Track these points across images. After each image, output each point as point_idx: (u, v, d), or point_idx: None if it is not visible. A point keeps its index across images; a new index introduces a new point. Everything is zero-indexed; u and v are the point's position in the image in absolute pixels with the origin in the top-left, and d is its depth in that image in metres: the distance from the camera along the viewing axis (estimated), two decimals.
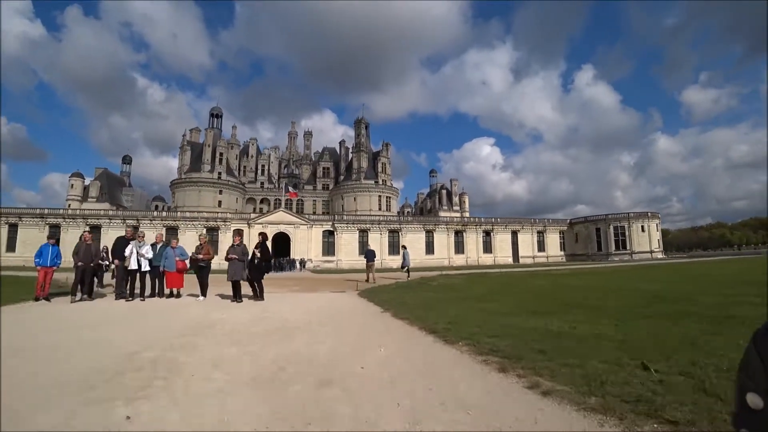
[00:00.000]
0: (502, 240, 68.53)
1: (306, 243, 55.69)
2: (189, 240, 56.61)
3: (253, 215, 57.10)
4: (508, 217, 72.24)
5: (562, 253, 73.01)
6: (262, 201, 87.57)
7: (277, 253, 56.30)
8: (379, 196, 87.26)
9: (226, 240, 53.66)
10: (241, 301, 11.41)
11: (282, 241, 57.40)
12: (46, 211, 52.87)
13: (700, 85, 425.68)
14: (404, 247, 24.54)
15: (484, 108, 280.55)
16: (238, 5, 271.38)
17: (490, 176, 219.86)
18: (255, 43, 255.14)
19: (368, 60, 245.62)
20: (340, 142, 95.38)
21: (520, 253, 69.06)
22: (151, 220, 52.43)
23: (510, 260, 67.50)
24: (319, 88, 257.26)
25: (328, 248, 57.24)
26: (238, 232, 16.80)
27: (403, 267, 23.65)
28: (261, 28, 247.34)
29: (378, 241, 58.91)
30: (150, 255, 12.41)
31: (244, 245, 12.24)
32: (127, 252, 12.15)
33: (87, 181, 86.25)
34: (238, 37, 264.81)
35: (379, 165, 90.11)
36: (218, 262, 49.60)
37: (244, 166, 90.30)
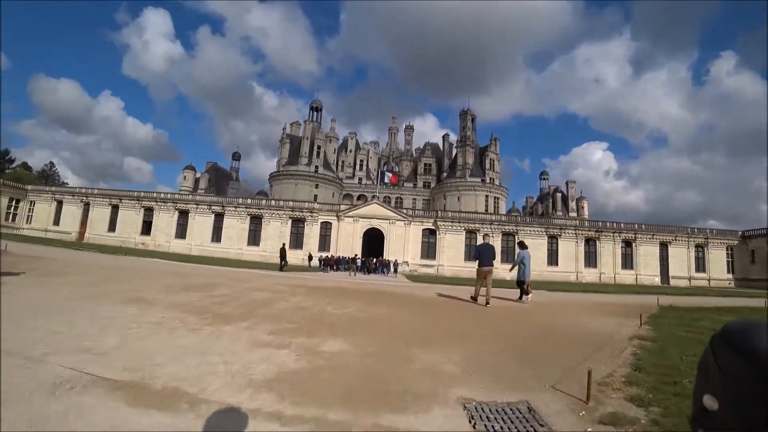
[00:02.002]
0: (646, 253, 52.18)
1: (402, 242, 46.26)
2: (272, 231, 51.12)
3: (343, 207, 49.16)
4: (655, 225, 55.28)
5: (730, 276, 53.94)
6: (359, 197, 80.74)
7: (368, 252, 47.79)
8: (486, 196, 75.14)
9: (312, 234, 46.44)
10: None
11: (375, 239, 48.68)
12: (141, 194, 50.81)
13: None
14: (522, 245, 13.17)
15: (597, 107, 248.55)
16: (343, 13, 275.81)
17: (602, 184, 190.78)
18: (359, 48, 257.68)
19: (470, 60, 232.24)
20: (443, 136, 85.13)
21: (671, 273, 51.96)
22: (235, 207, 47.42)
23: (656, 280, 51.00)
24: (420, 91, 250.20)
25: (428, 250, 47.13)
26: None
27: (522, 282, 12.40)
28: (364, 33, 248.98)
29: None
30: None
31: None
32: None
33: (198, 174, 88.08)
34: (343, 44, 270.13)
35: (487, 161, 78.01)
36: (301, 257, 42.25)
37: (342, 161, 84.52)
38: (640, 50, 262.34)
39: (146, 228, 50.83)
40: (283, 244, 31.91)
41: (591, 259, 50.65)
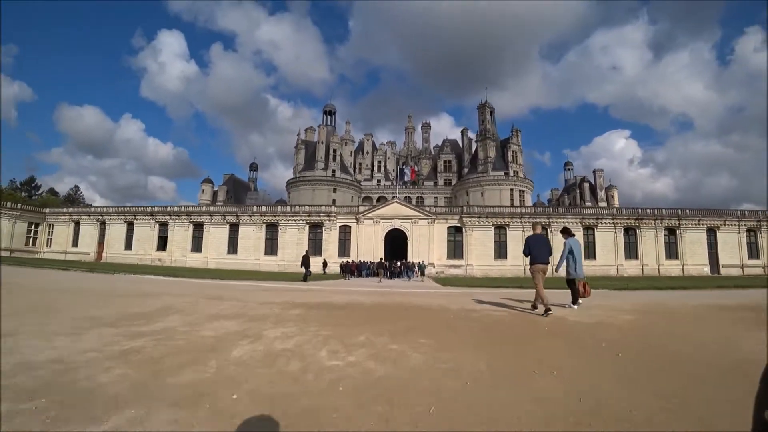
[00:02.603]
0: (692, 241, 47.18)
1: (426, 242, 42.87)
2: (290, 239, 48.49)
3: (362, 208, 46.10)
4: (701, 209, 50.16)
5: None
6: (378, 200, 77.73)
7: (391, 255, 44.63)
8: (511, 190, 70.97)
9: (331, 239, 43.59)
10: None
11: (398, 241, 45.47)
12: (156, 208, 49.10)
13: None
14: (567, 232, 9.85)
15: (616, 96, 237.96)
16: (352, 20, 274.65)
17: (626, 173, 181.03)
18: (369, 53, 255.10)
19: (484, 55, 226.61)
20: (462, 131, 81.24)
21: (722, 261, 46.81)
22: (250, 216, 44.98)
23: (705, 270, 46.00)
24: (435, 91, 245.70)
25: (455, 249, 43.57)
26: None
27: (572, 281, 9.30)
28: (374, 37, 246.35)
29: (520, 240, 43.44)
30: None
31: None
32: None
33: (216, 187, 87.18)
34: (353, 50, 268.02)
35: (509, 154, 73.86)
36: (320, 265, 39.27)
37: (360, 164, 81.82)
38: (660, 32, 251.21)
39: (162, 243, 49.09)
40: (306, 251, 28.18)
41: (632, 250, 46.15)
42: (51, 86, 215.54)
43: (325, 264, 39.52)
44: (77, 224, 54.54)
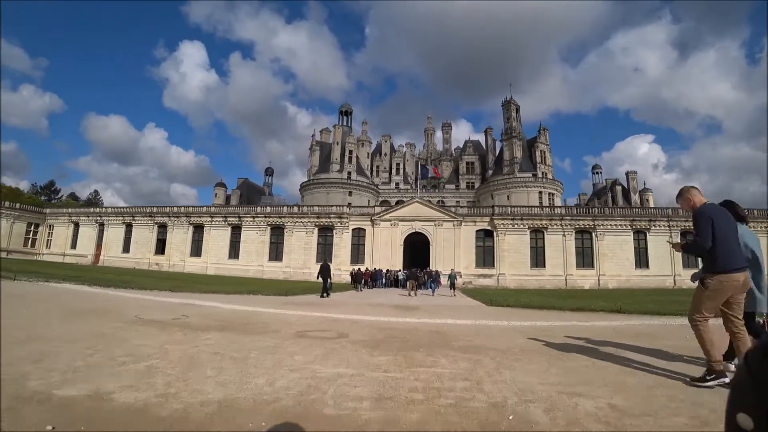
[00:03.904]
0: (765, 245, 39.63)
1: (451, 248, 36.70)
2: (296, 243, 42.89)
3: (377, 209, 40.12)
4: None
5: None
6: (396, 204, 71.91)
7: (411, 262, 38.65)
8: (540, 193, 64.34)
9: (342, 243, 37.91)
10: None
11: (418, 246, 39.49)
12: (154, 209, 44.41)
13: None
14: (735, 213, 4.12)
15: (639, 98, 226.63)
16: (368, 27, 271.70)
17: (650, 179, 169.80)
18: (386, 60, 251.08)
19: (501, 59, 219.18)
20: (485, 131, 74.90)
21: None
22: (253, 218, 39.69)
23: None
24: (452, 97, 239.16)
25: (484, 256, 37.26)
26: None
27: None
28: (390, 44, 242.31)
29: (560, 245, 36.95)
30: None
31: None
32: None
33: (229, 191, 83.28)
34: (370, 57, 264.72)
35: (537, 154, 67.45)
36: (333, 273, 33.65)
37: (377, 166, 76.36)
38: (684, 31, 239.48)
39: (161, 247, 44.34)
40: (325, 260, 20.99)
41: (689, 258, 39.00)
42: (79, 97, 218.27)
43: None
44: (77, 225, 50.50)
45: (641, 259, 37.99)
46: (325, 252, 37.30)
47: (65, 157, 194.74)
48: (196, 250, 41.94)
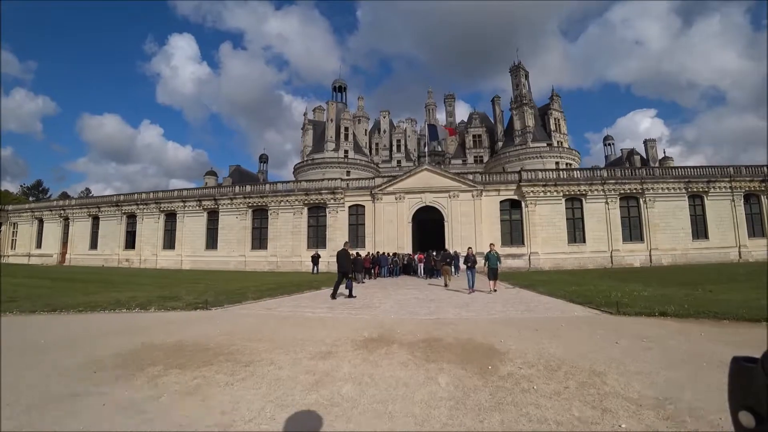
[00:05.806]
0: None
1: (471, 224, 29.49)
2: (283, 226, 35.71)
3: (378, 180, 32.58)
4: None
5: None
6: None
7: (422, 244, 31.57)
8: (557, 163, 56.68)
9: (337, 225, 30.81)
10: None
11: (427, 225, 32.39)
12: (121, 197, 37.33)
13: None
14: None
15: (640, 72, 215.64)
16: (359, 9, 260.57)
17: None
18: (380, 42, 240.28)
19: (502, 35, 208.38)
20: (493, 100, 66.92)
21: None
22: (231, 199, 32.59)
23: None
24: (450, 77, 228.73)
25: (511, 232, 30.07)
26: None
27: None
28: (383, 25, 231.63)
29: (603, 215, 29.78)
30: None
31: None
32: None
33: (221, 180, 76.12)
34: (364, 40, 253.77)
35: (551, 122, 59.97)
36: (326, 257, 26.41)
37: (376, 144, 68.89)
38: None
39: (131, 240, 37.39)
40: (345, 243, 13.65)
41: (756, 224, 31.81)
42: (71, 98, 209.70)
43: (315, 259, 26.51)
44: (41, 222, 43.57)
45: (699, 228, 30.80)
46: (317, 236, 30.29)
47: (63, 159, 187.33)
48: (169, 241, 35.01)
